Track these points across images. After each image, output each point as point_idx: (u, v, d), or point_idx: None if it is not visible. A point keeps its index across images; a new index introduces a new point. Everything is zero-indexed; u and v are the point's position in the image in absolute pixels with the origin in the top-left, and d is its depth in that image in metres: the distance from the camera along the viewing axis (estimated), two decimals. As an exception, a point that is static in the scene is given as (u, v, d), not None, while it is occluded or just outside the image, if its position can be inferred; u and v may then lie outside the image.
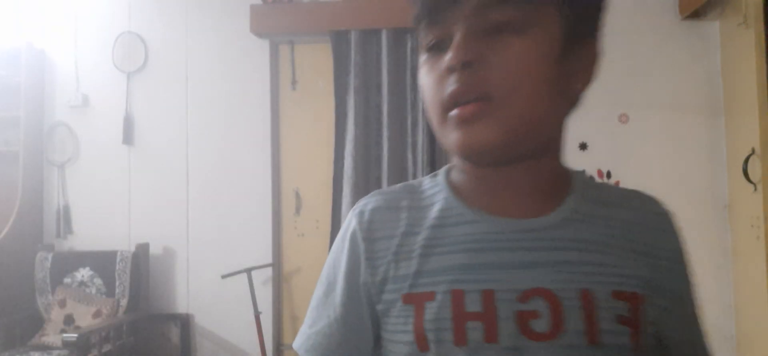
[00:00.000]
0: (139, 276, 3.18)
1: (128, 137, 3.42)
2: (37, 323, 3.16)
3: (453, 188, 0.68)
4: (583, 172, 0.69)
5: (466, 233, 0.63)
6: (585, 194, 0.66)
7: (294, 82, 3.39)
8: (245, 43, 3.34)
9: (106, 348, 2.85)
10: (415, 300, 0.61)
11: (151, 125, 3.43)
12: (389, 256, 0.64)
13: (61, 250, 3.39)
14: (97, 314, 3.06)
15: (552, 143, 0.65)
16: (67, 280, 3.18)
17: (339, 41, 3.19)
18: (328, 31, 3.19)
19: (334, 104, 3.20)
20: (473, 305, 0.59)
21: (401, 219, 0.66)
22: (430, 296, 0.60)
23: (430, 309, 0.60)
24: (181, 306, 3.36)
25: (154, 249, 3.33)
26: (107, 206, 3.43)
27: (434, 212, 0.66)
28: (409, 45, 3.17)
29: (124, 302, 3.11)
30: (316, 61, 3.36)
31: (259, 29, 3.26)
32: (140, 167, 3.43)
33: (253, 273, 3.15)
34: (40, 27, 3.49)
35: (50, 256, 3.24)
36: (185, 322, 3.31)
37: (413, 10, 0.64)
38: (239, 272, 3.11)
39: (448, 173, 0.70)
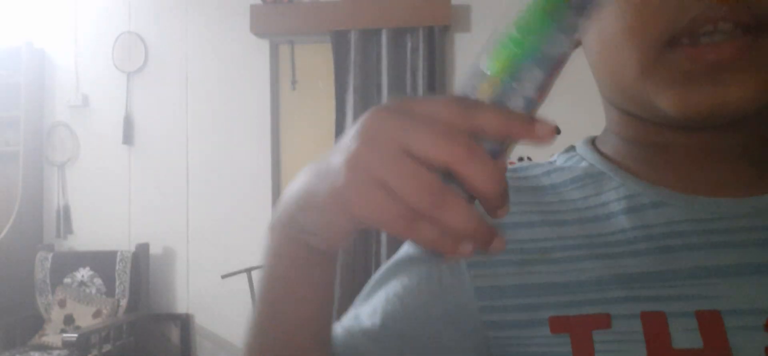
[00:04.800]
0: (139, 276, 3.18)
1: (128, 137, 3.42)
2: (37, 323, 3.16)
3: (614, 163, 0.45)
4: None
5: (655, 222, 0.41)
6: None
7: (294, 82, 3.39)
8: (245, 43, 3.33)
9: (106, 348, 2.84)
10: (575, 327, 0.39)
11: (151, 125, 3.42)
12: (512, 254, 0.42)
13: (61, 250, 3.39)
14: (97, 314, 3.06)
15: None
16: (67, 280, 3.18)
17: (339, 41, 3.19)
18: (328, 31, 3.19)
19: (334, 104, 3.20)
20: (685, 337, 0.37)
21: (529, 202, 0.45)
22: (603, 320, 0.38)
23: (605, 343, 0.38)
24: (181, 306, 3.36)
25: (154, 249, 3.33)
26: (107, 206, 3.43)
27: (586, 194, 0.44)
28: (409, 45, 3.17)
29: (124, 302, 3.11)
30: (316, 61, 3.36)
31: (259, 29, 3.26)
32: (140, 167, 3.43)
33: (254, 273, 3.15)
34: (40, 27, 3.49)
35: (50, 256, 3.24)
36: (185, 322, 3.31)
37: None
38: (239, 272, 3.11)
39: (591, 144, 0.49)
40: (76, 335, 2.61)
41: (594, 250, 0.41)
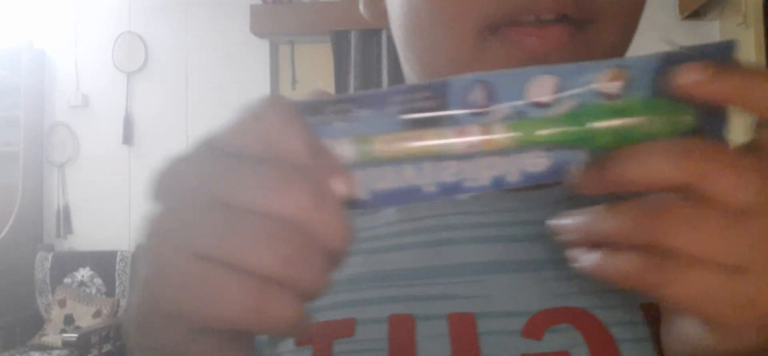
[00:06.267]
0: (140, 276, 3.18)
1: (128, 137, 3.42)
2: (37, 323, 3.16)
3: None
4: None
5: (427, 214, 0.37)
6: None
7: (294, 82, 3.39)
8: (245, 43, 3.34)
9: (106, 348, 2.85)
10: (317, 336, 0.34)
11: (151, 125, 3.43)
12: None
13: (61, 250, 3.39)
14: (97, 314, 3.06)
15: None
16: (67, 280, 3.18)
17: (339, 41, 3.19)
18: (328, 31, 3.19)
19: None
20: (433, 344, 0.32)
21: None
22: (347, 327, 0.34)
23: (345, 354, 0.33)
24: (181, 306, 3.36)
25: (154, 249, 3.33)
26: (107, 206, 3.43)
27: None
28: (409, 45, 3.17)
29: (124, 302, 3.11)
30: (316, 61, 3.36)
31: (259, 29, 3.26)
32: (140, 167, 3.43)
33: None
34: (40, 27, 3.49)
35: (50, 256, 3.24)
36: (185, 322, 3.31)
37: None
38: (239, 272, 3.11)
39: None
40: (76, 335, 2.62)
41: (359, 244, 0.35)
